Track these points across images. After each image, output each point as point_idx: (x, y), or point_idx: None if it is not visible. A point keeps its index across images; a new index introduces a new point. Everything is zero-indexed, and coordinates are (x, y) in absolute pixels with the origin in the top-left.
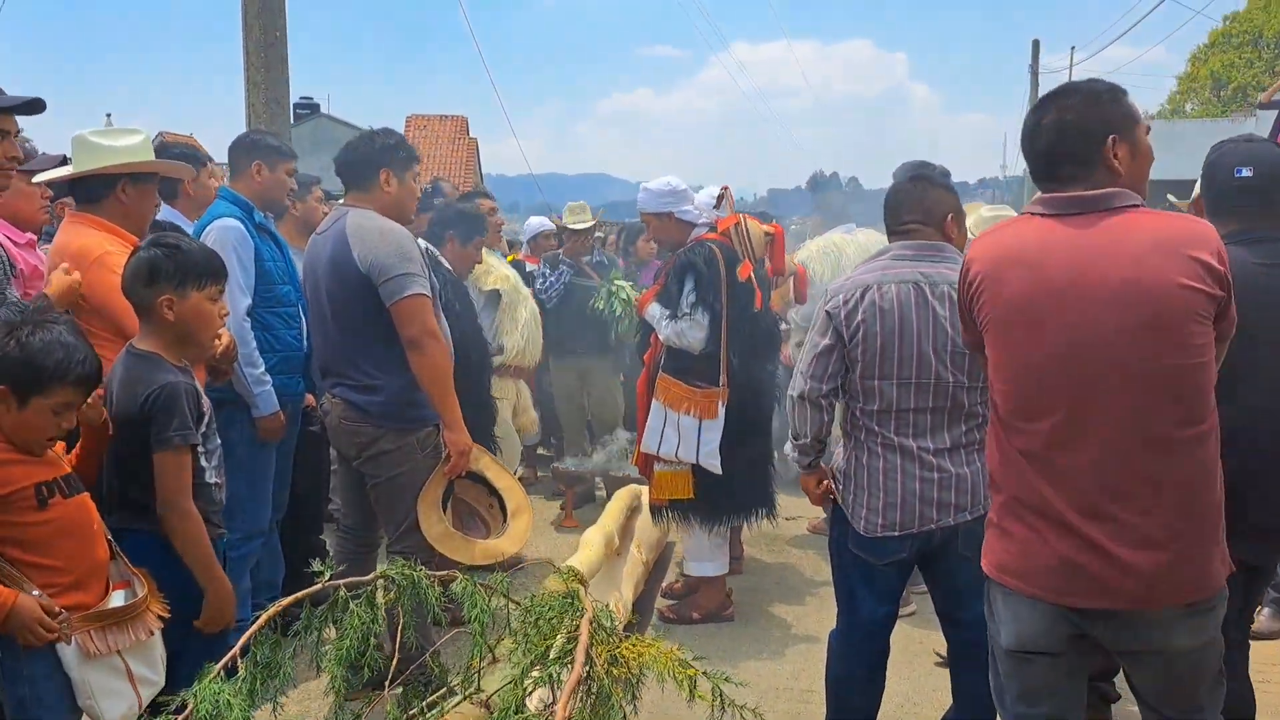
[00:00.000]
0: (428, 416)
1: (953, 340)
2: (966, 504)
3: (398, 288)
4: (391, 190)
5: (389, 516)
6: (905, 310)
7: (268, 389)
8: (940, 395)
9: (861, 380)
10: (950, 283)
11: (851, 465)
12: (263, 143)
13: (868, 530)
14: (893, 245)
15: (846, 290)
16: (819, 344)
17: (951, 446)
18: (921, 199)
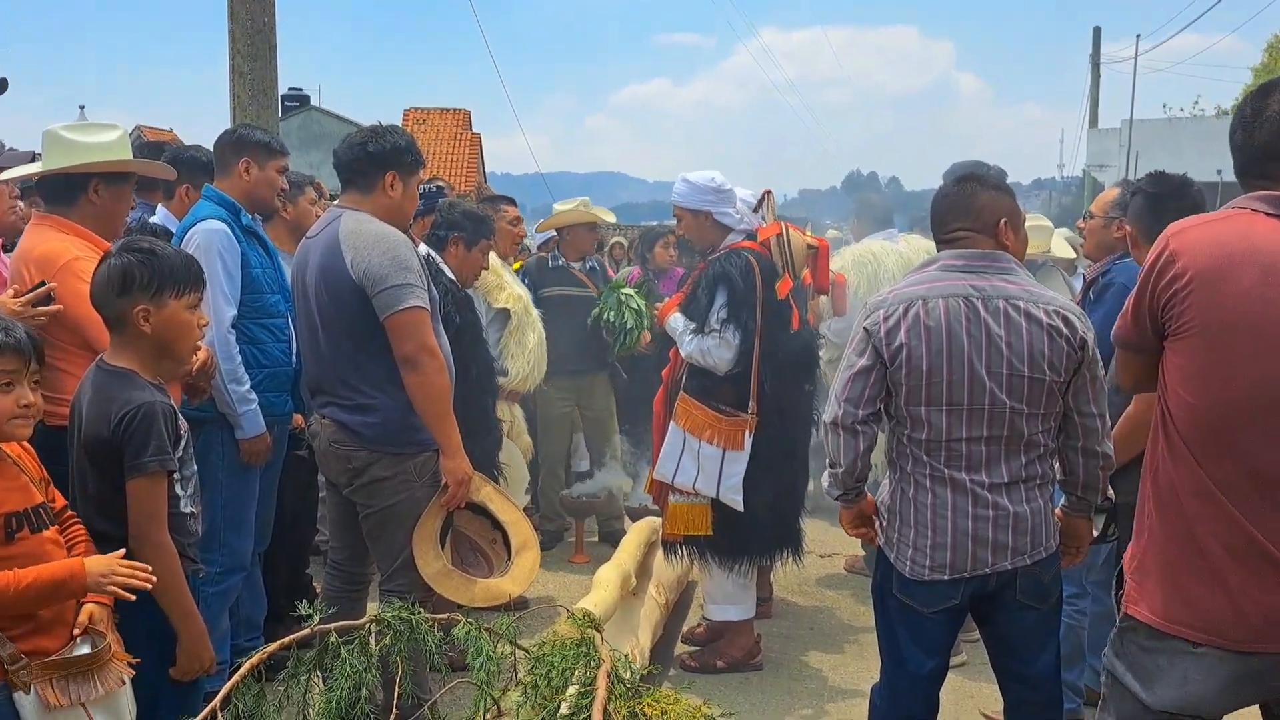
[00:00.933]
0: (426, 441)
1: (1010, 361)
2: (1026, 546)
3: (394, 299)
4: (395, 195)
5: (382, 551)
6: (955, 328)
7: (253, 408)
8: (996, 423)
9: (907, 406)
10: (1008, 297)
11: (897, 499)
12: (251, 138)
13: (914, 573)
14: (940, 255)
15: (888, 305)
16: (855, 364)
17: (1010, 481)
18: (970, 203)
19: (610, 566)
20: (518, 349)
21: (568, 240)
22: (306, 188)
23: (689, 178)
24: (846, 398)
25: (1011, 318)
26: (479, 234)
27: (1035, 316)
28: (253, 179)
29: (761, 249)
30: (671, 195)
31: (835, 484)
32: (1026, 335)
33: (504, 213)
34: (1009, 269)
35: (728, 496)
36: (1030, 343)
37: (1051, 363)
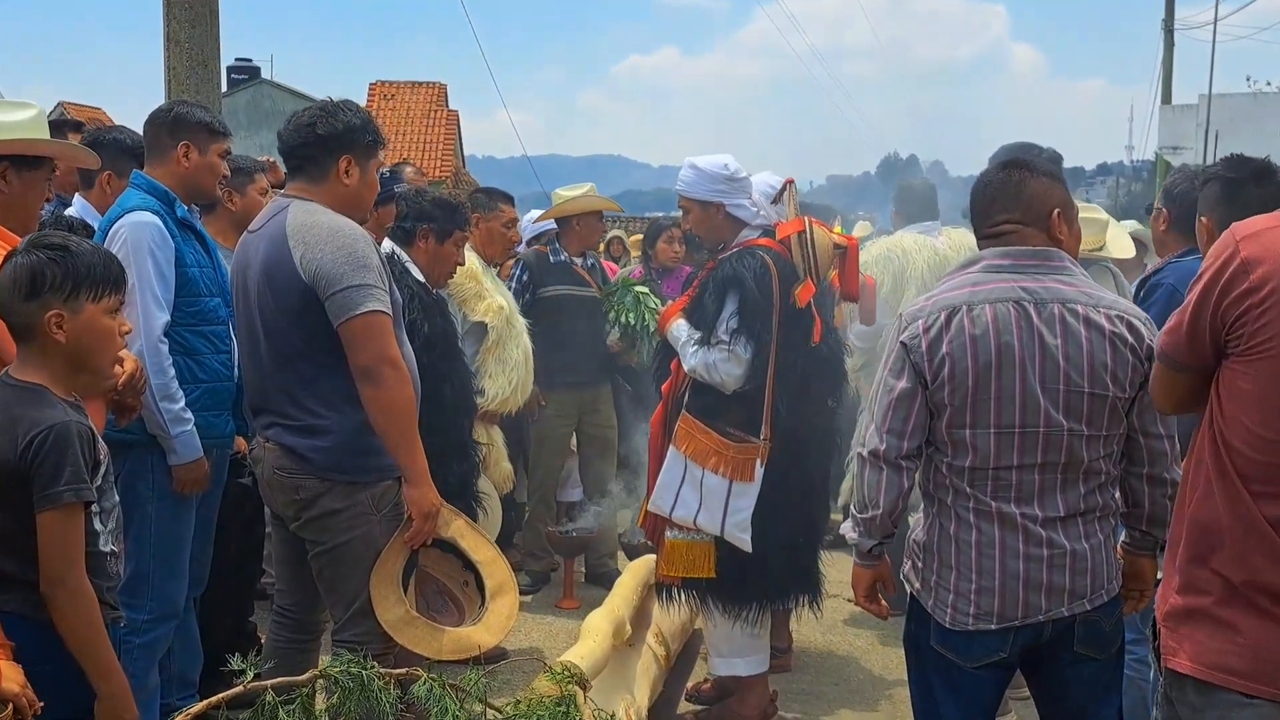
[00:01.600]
0: (386, 467)
1: (1067, 375)
2: (1085, 589)
3: (350, 302)
4: (351, 183)
5: (335, 595)
6: (1004, 338)
7: (188, 429)
8: (1052, 448)
9: (948, 430)
10: (1064, 300)
11: (934, 536)
12: (191, 117)
13: (955, 622)
14: (985, 253)
15: (927, 315)
16: (894, 388)
17: (1066, 514)
18: (1019, 192)
19: (601, 613)
20: (497, 367)
21: (574, 231)
22: (257, 175)
23: (697, 163)
24: (889, 428)
25: (1069, 324)
26: (452, 224)
27: (1096, 323)
28: (193, 165)
29: (780, 248)
30: (677, 183)
31: (868, 531)
32: (1086, 345)
33: (500, 212)
34: (1064, 268)
35: (733, 535)
36: (1090, 353)
37: (1115, 376)
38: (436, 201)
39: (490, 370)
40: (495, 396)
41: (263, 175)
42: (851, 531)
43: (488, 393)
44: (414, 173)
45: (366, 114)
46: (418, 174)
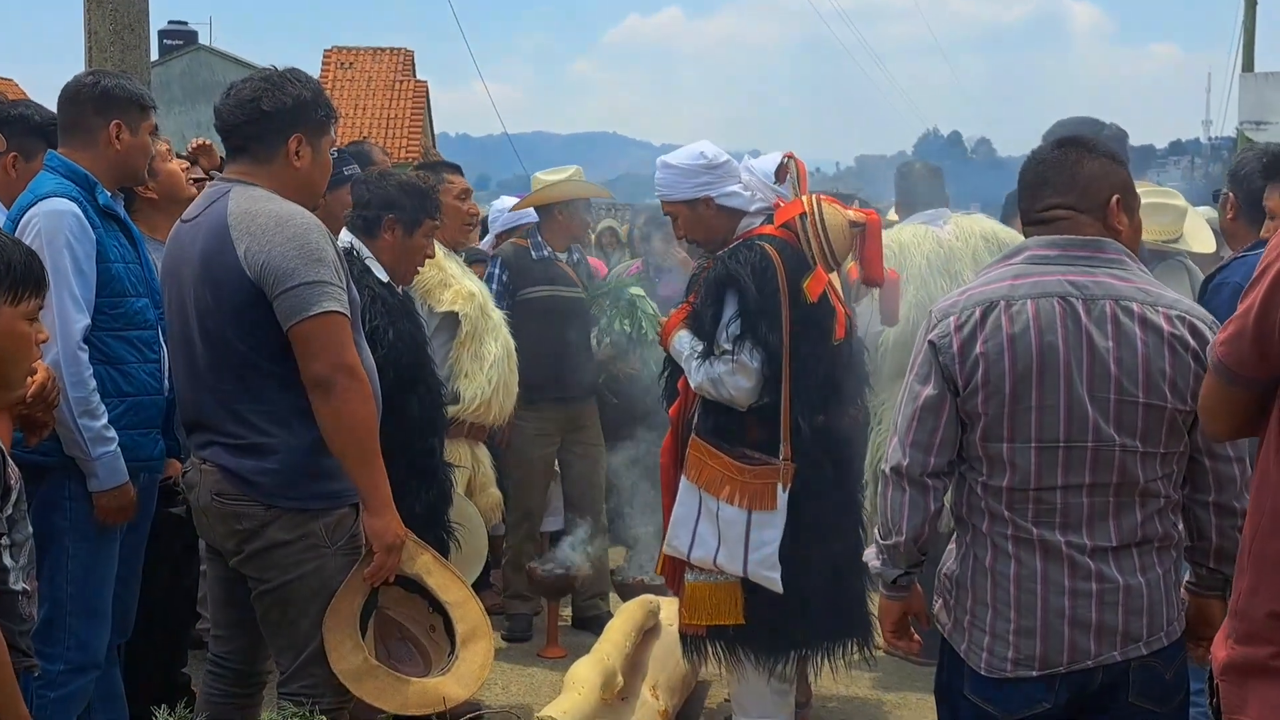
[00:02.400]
0: (342, 493)
1: (1119, 383)
2: (1141, 631)
3: (301, 302)
4: (301, 164)
5: (282, 641)
6: (1047, 338)
7: (112, 450)
8: (1102, 467)
9: (983, 444)
10: (1117, 297)
11: (968, 569)
12: (118, 90)
13: (992, 668)
14: (1029, 241)
15: (961, 309)
16: (919, 394)
17: (1120, 544)
18: (1074, 173)
19: (588, 661)
20: (473, 364)
21: (557, 222)
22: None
23: (670, 161)
24: (913, 441)
25: (1122, 324)
26: (421, 213)
27: (1153, 323)
28: (125, 146)
29: (786, 234)
30: (655, 190)
31: (892, 560)
32: (1141, 348)
33: (448, 184)
34: (1119, 260)
35: (759, 574)
36: (1146, 358)
37: (1174, 385)
38: (403, 186)
39: (466, 369)
40: (473, 400)
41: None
42: (874, 559)
43: (464, 396)
44: (379, 152)
45: (316, 84)
46: (382, 154)
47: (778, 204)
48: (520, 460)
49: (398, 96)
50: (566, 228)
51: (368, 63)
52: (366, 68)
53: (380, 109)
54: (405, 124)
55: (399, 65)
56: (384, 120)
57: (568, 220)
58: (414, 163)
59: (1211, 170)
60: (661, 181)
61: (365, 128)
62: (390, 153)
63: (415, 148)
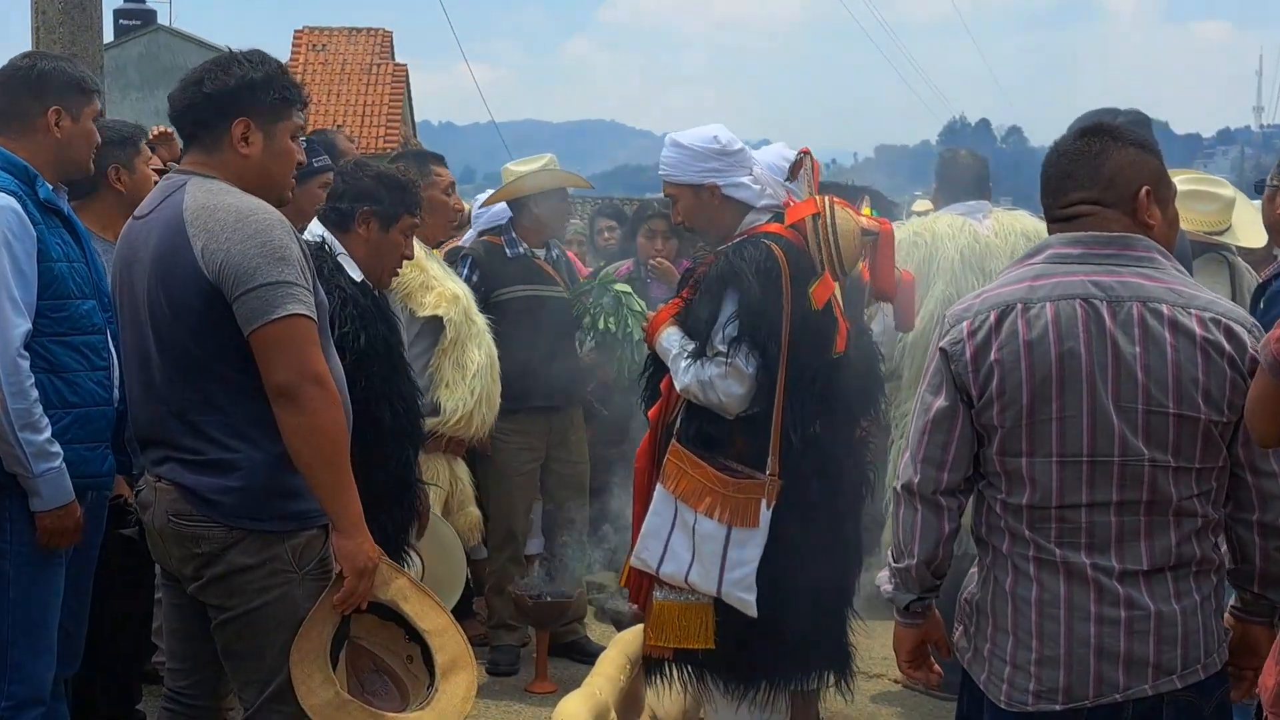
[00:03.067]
0: (309, 513)
1: (1147, 392)
2: (1175, 662)
3: (263, 305)
4: (253, 151)
5: (245, 674)
6: (1068, 344)
7: (56, 467)
8: (1131, 483)
9: (1000, 458)
10: (1145, 298)
11: (989, 593)
12: (56, 73)
13: (1012, 701)
14: (1051, 239)
15: (975, 314)
16: (931, 406)
17: (1151, 568)
18: (1098, 165)
19: (578, 696)
20: (455, 373)
21: (533, 217)
22: (140, 142)
23: (680, 140)
24: (925, 456)
25: (1150, 328)
26: (400, 207)
27: (1184, 327)
28: (66, 134)
29: (794, 235)
30: (660, 168)
31: (904, 584)
32: (1171, 354)
33: (434, 178)
34: (1149, 259)
35: (733, 595)
36: (1177, 364)
37: (1208, 394)
38: (381, 178)
39: (448, 378)
40: (454, 412)
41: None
42: (886, 584)
43: (445, 407)
44: (346, 142)
45: (275, 66)
46: (349, 142)
47: (787, 203)
48: (502, 476)
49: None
50: (542, 222)
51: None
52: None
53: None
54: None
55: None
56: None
57: (543, 214)
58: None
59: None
60: (668, 160)
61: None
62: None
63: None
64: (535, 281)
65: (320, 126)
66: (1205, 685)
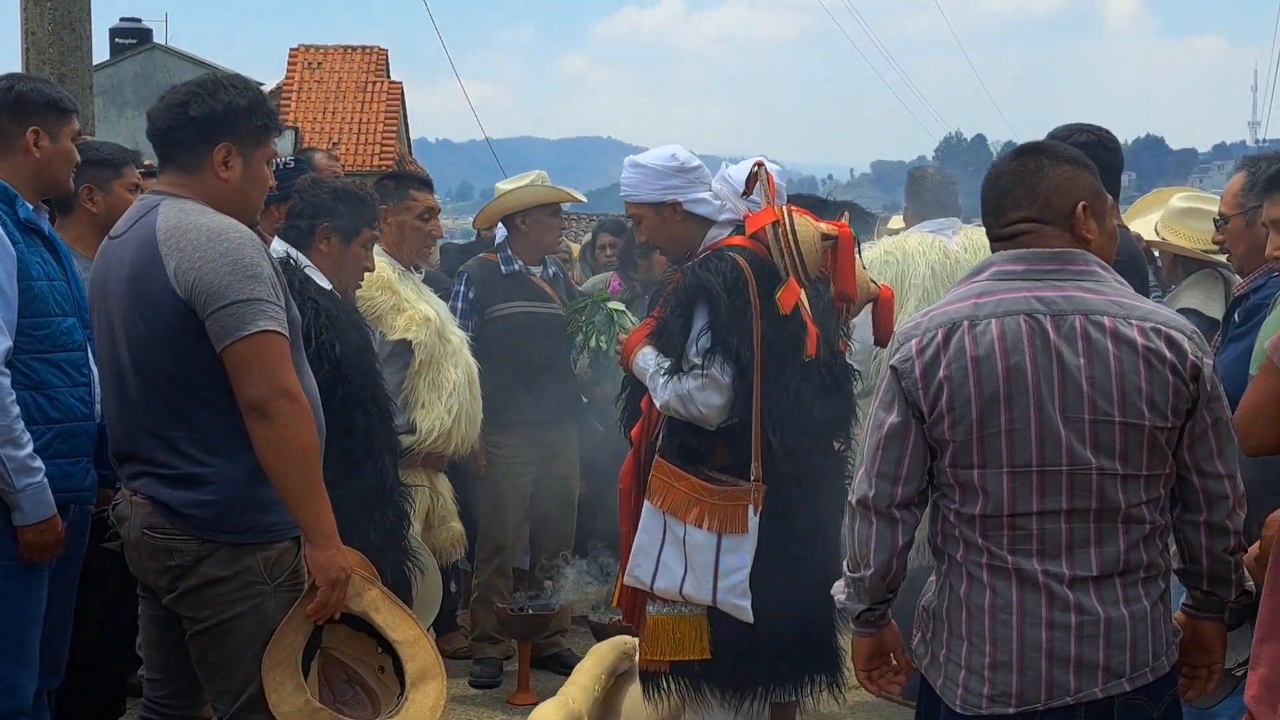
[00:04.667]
0: (282, 525)
1: (1093, 402)
2: (1124, 665)
3: (235, 322)
4: (231, 176)
5: (219, 684)
6: (1014, 359)
7: (38, 482)
8: (1080, 492)
9: (953, 470)
10: (1088, 311)
11: (944, 600)
12: (36, 95)
13: (967, 705)
14: (994, 257)
15: (924, 332)
16: (884, 423)
17: (1101, 574)
18: (1035, 184)
19: (551, 706)
20: (430, 393)
21: (521, 233)
22: (125, 168)
23: (640, 160)
24: (879, 471)
25: (1094, 340)
26: (359, 221)
27: (1126, 337)
28: (45, 154)
29: (756, 246)
30: (621, 189)
31: (858, 594)
32: (1115, 364)
33: (411, 202)
34: (1090, 272)
35: (729, 602)
36: (1120, 374)
37: (1152, 401)
38: (339, 193)
39: (423, 399)
40: (431, 431)
41: (132, 169)
42: (840, 594)
43: (420, 428)
44: (325, 159)
45: (257, 94)
46: (329, 160)
47: (747, 215)
48: (493, 490)
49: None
50: (534, 239)
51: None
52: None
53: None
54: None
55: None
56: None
57: (533, 230)
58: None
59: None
60: (628, 181)
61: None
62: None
63: (389, 154)
64: (530, 298)
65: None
66: (1154, 688)
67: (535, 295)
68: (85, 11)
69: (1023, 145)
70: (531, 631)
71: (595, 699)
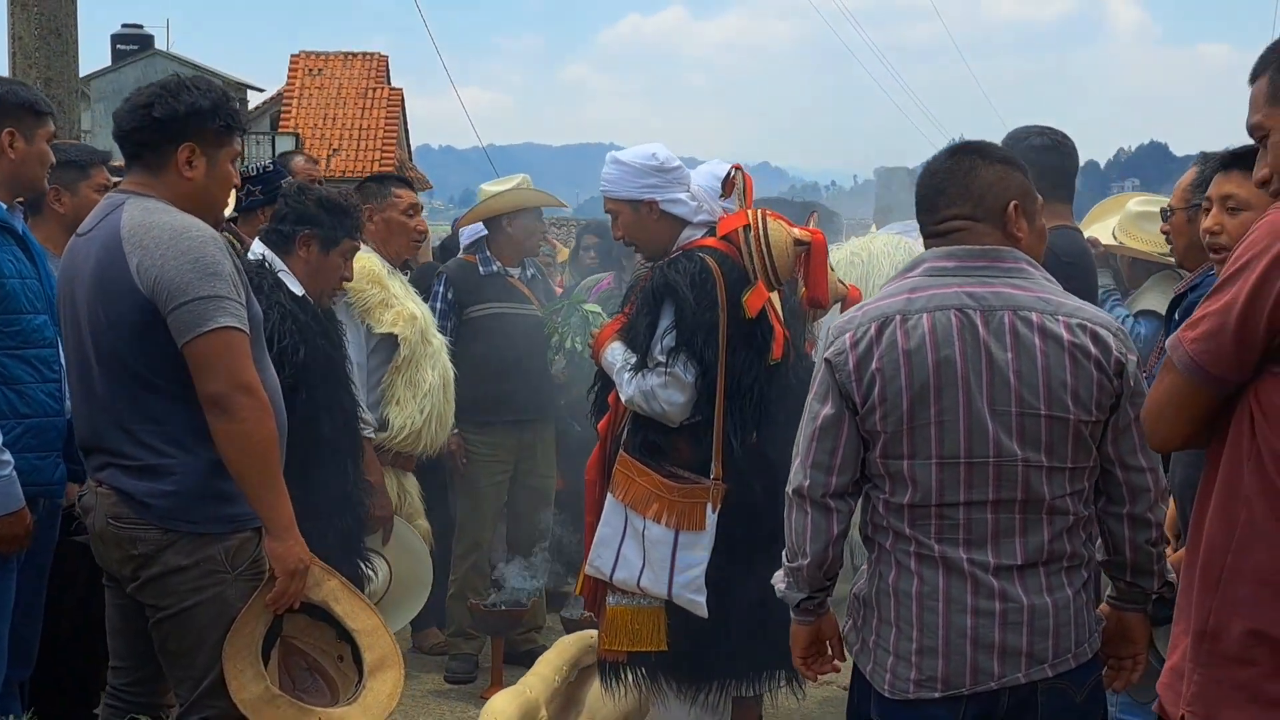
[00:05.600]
0: (242, 516)
1: (1020, 395)
2: (1046, 651)
3: (195, 318)
4: (194, 176)
5: (180, 671)
6: (944, 352)
7: (7, 475)
8: (1005, 482)
9: (884, 460)
10: (1016, 307)
11: (874, 588)
12: (12, 97)
13: (895, 689)
14: (927, 254)
15: (857, 326)
16: (819, 414)
17: (1025, 563)
18: (968, 182)
19: (508, 693)
20: (406, 391)
21: (505, 235)
22: (92, 170)
23: (620, 157)
24: (813, 462)
25: (1020, 335)
26: (340, 231)
27: (1053, 333)
28: (19, 155)
29: (728, 248)
30: (600, 184)
31: (796, 583)
32: (1041, 359)
33: (395, 199)
34: (1019, 269)
35: (684, 597)
36: (1047, 369)
37: (1077, 395)
38: (323, 201)
39: (398, 395)
40: (402, 429)
41: (100, 170)
42: (780, 583)
43: (393, 424)
44: (304, 162)
45: (220, 94)
46: (308, 163)
47: (721, 217)
48: (471, 488)
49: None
50: (515, 241)
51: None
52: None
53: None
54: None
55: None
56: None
57: (516, 233)
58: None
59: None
60: (608, 176)
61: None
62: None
63: (390, 160)
64: (507, 299)
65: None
66: (1077, 674)
67: (513, 296)
68: (72, 17)
69: (957, 144)
70: (505, 627)
71: (554, 689)
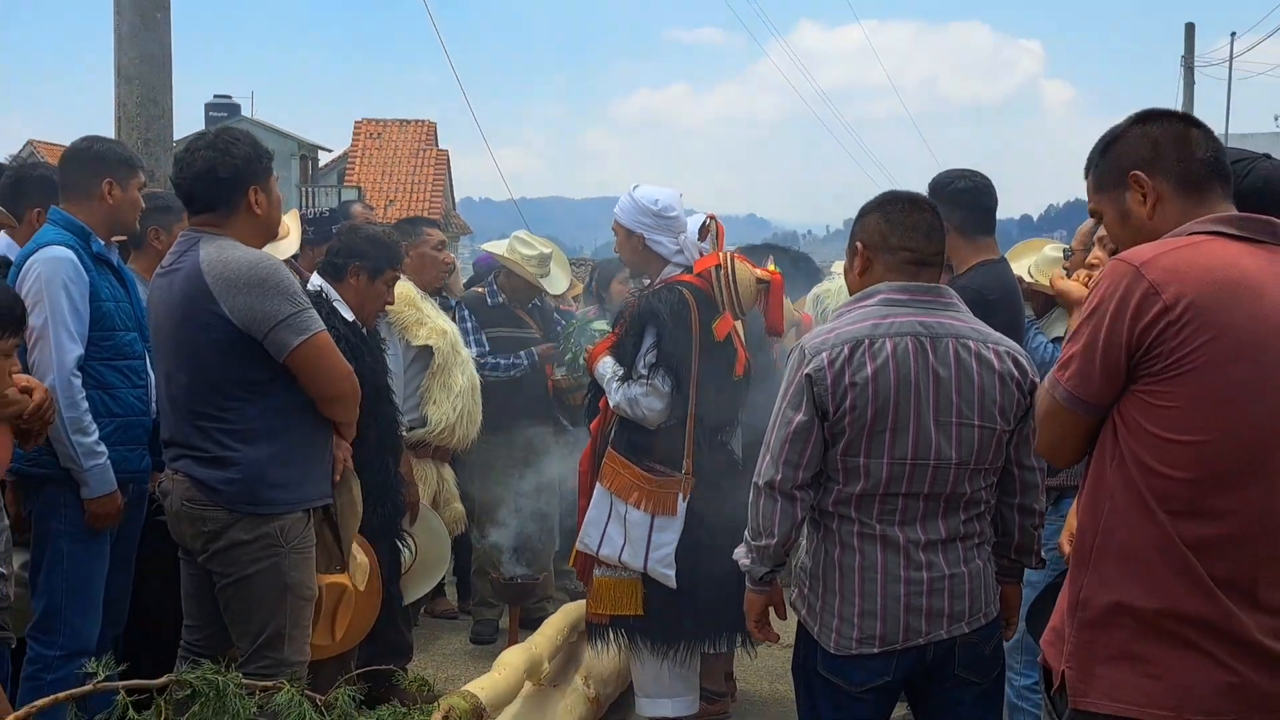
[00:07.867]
0: (293, 500)
1: (959, 410)
2: (964, 612)
3: (290, 332)
4: (261, 209)
5: (242, 627)
6: (904, 373)
7: (102, 463)
8: (940, 479)
9: (843, 458)
10: (957, 335)
11: (820, 562)
12: (111, 154)
13: (839, 647)
14: (879, 286)
15: (831, 347)
16: (793, 420)
17: (947, 538)
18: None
19: (517, 649)
20: (441, 393)
21: (503, 278)
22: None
23: (634, 192)
24: (786, 459)
25: (962, 360)
26: (385, 262)
27: (986, 359)
28: (117, 201)
29: (702, 283)
30: (614, 210)
31: (760, 559)
32: (978, 379)
33: (426, 237)
34: (953, 304)
35: (656, 571)
36: (981, 388)
37: (1002, 410)
38: (371, 238)
39: (435, 396)
40: (439, 424)
41: None
42: (744, 558)
43: (431, 420)
44: (362, 209)
45: (251, 137)
46: (365, 209)
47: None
48: (487, 480)
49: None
50: (509, 289)
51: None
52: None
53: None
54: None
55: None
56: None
57: (509, 284)
58: None
59: None
60: (621, 203)
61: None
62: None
63: (437, 210)
64: (512, 325)
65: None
66: (986, 630)
67: (515, 322)
68: (167, 89)
69: (917, 197)
70: (521, 597)
71: (557, 646)
